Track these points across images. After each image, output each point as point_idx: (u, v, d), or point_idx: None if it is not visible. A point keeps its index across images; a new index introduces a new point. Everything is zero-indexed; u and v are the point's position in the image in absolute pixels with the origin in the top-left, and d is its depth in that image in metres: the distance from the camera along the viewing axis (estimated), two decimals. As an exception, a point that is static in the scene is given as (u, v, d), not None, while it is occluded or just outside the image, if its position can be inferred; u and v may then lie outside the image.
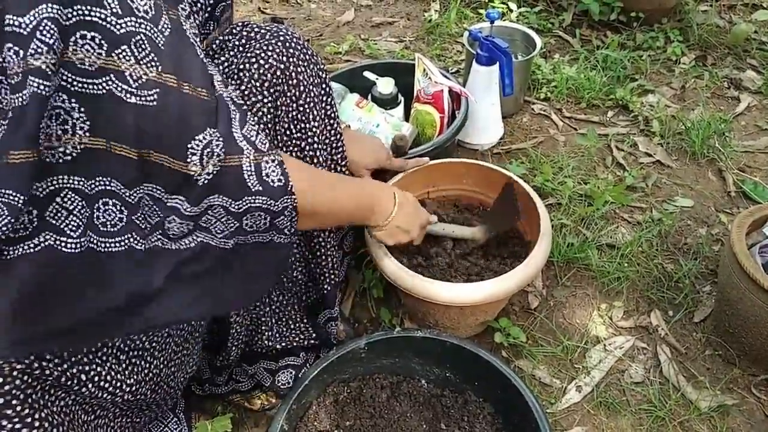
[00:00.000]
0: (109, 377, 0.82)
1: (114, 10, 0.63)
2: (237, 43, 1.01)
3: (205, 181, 0.74)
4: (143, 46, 0.65)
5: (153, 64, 0.66)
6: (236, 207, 0.78)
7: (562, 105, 1.98)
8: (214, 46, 1.01)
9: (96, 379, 0.80)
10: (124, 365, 0.84)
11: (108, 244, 0.71)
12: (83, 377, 0.78)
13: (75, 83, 0.63)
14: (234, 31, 1.03)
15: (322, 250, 1.13)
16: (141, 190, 0.72)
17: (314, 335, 1.22)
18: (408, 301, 1.30)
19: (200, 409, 1.21)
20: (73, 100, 0.64)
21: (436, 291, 1.12)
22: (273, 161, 0.81)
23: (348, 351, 1.10)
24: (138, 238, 0.73)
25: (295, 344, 1.19)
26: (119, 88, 0.65)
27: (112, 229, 0.71)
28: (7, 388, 0.69)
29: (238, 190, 0.77)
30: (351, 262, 1.43)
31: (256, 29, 1.02)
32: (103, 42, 0.63)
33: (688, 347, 1.33)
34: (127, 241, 0.73)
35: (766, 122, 1.90)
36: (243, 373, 1.22)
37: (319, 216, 0.93)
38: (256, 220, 0.81)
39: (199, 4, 0.93)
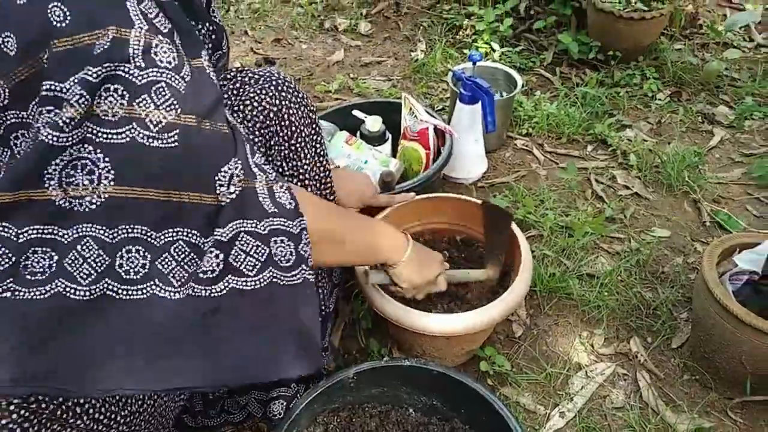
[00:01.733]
0: (103, 409, 0.84)
1: (137, 64, 0.67)
2: (231, 87, 1.07)
3: (229, 202, 0.76)
4: (162, 93, 0.69)
5: (172, 107, 0.70)
6: (262, 228, 0.79)
7: (544, 140, 2.06)
8: None
9: (91, 411, 0.82)
10: (117, 397, 0.86)
11: (129, 292, 0.72)
12: (78, 410, 0.81)
13: (100, 134, 0.67)
14: (228, 76, 1.10)
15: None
16: (171, 235, 0.73)
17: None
18: (396, 332, 1.35)
19: (193, 440, 1.24)
20: (98, 151, 0.67)
21: (422, 322, 1.17)
22: (282, 187, 0.85)
23: (337, 381, 1.14)
24: (161, 285, 0.73)
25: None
26: (141, 135, 0.68)
27: (134, 277, 0.72)
28: (4, 422, 0.72)
29: (258, 211, 0.79)
30: (340, 293, 1.47)
31: (250, 74, 1.09)
32: (125, 93, 0.67)
33: (667, 372, 1.37)
34: (149, 288, 0.73)
35: (738, 155, 1.98)
36: (235, 404, 1.25)
37: (335, 245, 0.96)
38: (283, 250, 0.82)
39: None
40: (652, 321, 1.47)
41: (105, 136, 0.67)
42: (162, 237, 0.73)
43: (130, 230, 0.71)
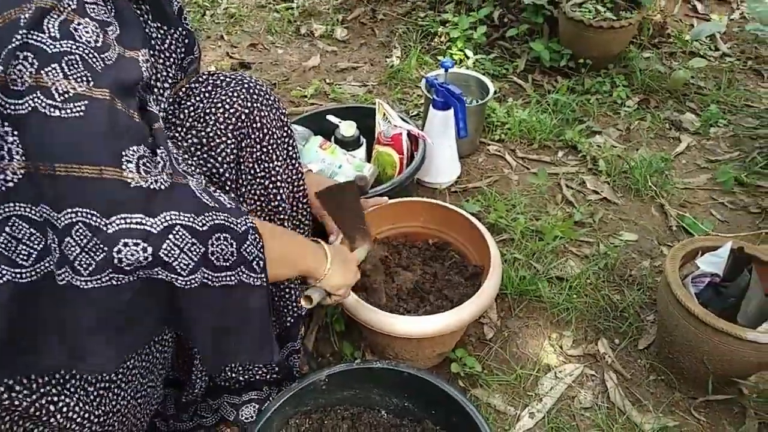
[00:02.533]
0: (77, 408, 0.85)
1: (52, 34, 0.66)
2: (203, 90, 1.08)
3: (161, 189, 0.72)
4: (75, 64, 0.67)
5: (83, 79, 0.67)
6: (200, 224, 0.75)
7: (516, 146, 2.09)
8: (181, 92, 1.09)
9: (64, 410, 0.83)
10: (92, 397, 0.87)
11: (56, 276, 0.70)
12: (52, 408, 0.81)
13: (7, 106, 0.65)
14: (201, 79, 1.10)
15: (285, 283, 1.19)
16: (71, 216, 0.67)
17: (276, 369, 1.26)
18: (368, 335, 1.36)
19: (166, 444, 1.24)
20: (6, 124, 0.66)
21: (393, 324, 1.19)
22: (218, 191, 0.83)
23: (309, 383, 1.15)
24: (72, 274, 0.69)
25: (258, 377, 1.23)
26: (43, 104, 0.65)
27: (53, 260, 0.69)
28: None
29: (196, 205, 0.75)
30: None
31: (221, 77, 1.10)
32: (35, 61, 0.65)
33: (633, 373, 1.41)
34: (64, 275, 0.69)
35: (704, 161, 2.04)
36: (207, 408, 1.25)
37: (275, 261, 0.89)
38: (223, 248, 0.77)
39: (171, 59, 1.00)
40: (620, 323, 1.50)
41: (12, 107, 0.65)
42: (63, 218, 0.67)
43: (42, 209, 0.68)
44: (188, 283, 0.75)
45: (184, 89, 1.09)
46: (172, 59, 1.02)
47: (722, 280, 1.34)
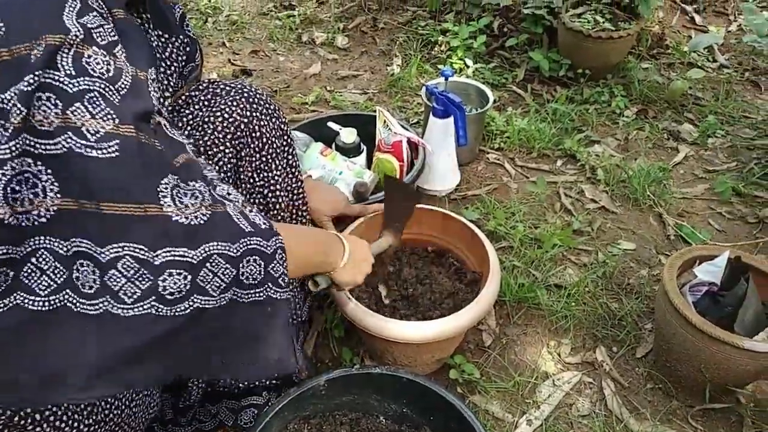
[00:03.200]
0: (65, 417, 0.82)
1: (68, 72, 0.67)
2: (202, 98, 1.09)
3: (202, 223, 0.74)
4: (97, 102, 0.68)
5: (109, 117, 0.69)
6: (235, 251, 0.78)
7: (515, 154, 2.10)
8: (180, 101, 1.10)
9: (51, 419, 0.80)
10: (82, 405, 0.84)
11: (85, 306, 0.70)
12: (38, 417, 0.79)
13: (38, 146, 0.66)
14: (200, 87, 1.11)
15: None
16: (117, 251, 0.70)
17: (276, 375, 1.26)
18: (367, 340, 1.36)
19: (164, 448, 1.24)
20: (39, 163, 0.66)
21: (391, 329, 1.19)
22: (253, 211, 0.84)
23: (308, 388, 1.15)
24: (113, 302, 0.71)
25: (257, 382, 1.23)
26: (78, 144, 0.67)
27: (88, 291, 0.70)
28: None
29: (234, 233, 0.78)
30: (313, 302, 1.49)
31: (221, 86, 1.10)
32: (57, 101, 0.66)
33: (631, 381, 1.41)
34: (102, 304, 0.71)
35: (701, 171, 2.05)
36: (206, 413, 1.25)
37: (294, 265, 0.93)
38: (252, 269, 0.80)
39: (173, 68, 1.01)
40: (618, 331, 1.51)
41: (43, 147, 0.66)
42: (107, 252, 0.70)
43: (79, 243, 0.69)
44: (219, 301, 0.78)
45: (183, 97, 1.10)
46: (173, 68, 1.03)
47: (720, 289, 1.35)
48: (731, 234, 1.80)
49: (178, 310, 0.74)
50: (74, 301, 0.70)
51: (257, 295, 0.83)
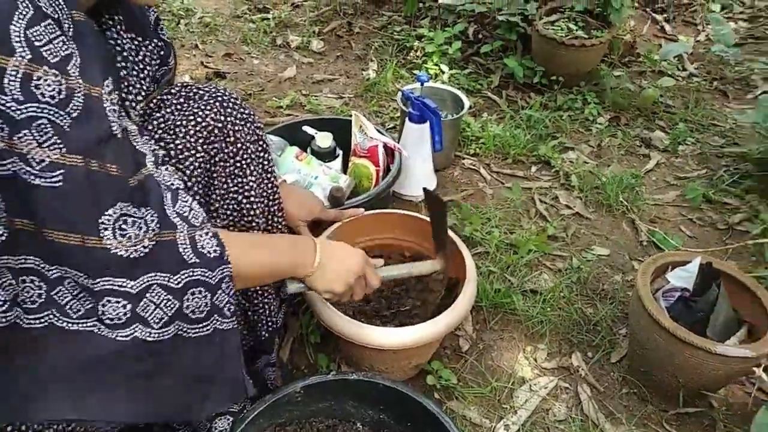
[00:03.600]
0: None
1: (15, 97, 0.65)
2: (175, 102, 1.06)
3: (142, 255, 0.75)
4: (45, 130, 0.67)
5: (56, 146, 0.68)
6: (176, 282, 0.79)
7: (490, 160, 2.11)
8: (152, 104, 1.07)
9: None
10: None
11: (29, 321, 0.74)
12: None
13: None
14: (173, 90, 1.09)
15: (260, 298, 1.17)
16: (61, 272, 0.73)
17: (251, 381, 1.24)
18: (344, 346, 1.35)
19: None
20: None
21: (369, 335, 1.18)
22: (207, 234, 0.84)
23: (284, 395, 1.13)
24: (59, 315, 0.74)
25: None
26: (23, 170, 0.67)
27: (32, 306, 0.74)
28: None
29: (176, 264, 0.79)
30: (289, 308, 1.47)
31: (195, 90, 1.08)
32: (3, 126, 0.65)
33: (606, 386, 1.42)
34: (47, 317, 0.74)
35: (673, 178, 2.08)
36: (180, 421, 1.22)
37: (250, 279, 0.96)
38: (198, 301, 0.81)
39: (145, 71, 0.99)
40: (593, 336, 1.52)
41: None
42: (54, 271, 0.73)
43: (25, 260, 0.72)
44: (161, 335, 0.79)
45: (155, 100, 1.07)
46: (145, 71, 1.00)
47: (692, 295, 1.37)
48: (702, 240, 1.83)
49: (119, 335, 0.76)
50: (21, 317, 0.73)
51: (205, 329, 0.84)
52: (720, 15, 2.73)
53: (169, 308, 0.79)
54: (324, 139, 1.71)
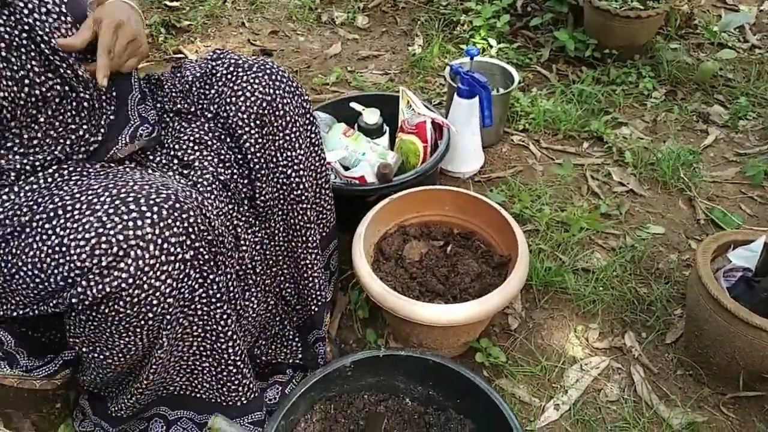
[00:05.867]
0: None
1: None
2: (224, 72, 1.06)
3: None
4: None
5: None
6: None
7: (540, 136, 2.06)
8: (207, 69, 1.07)
9: None
10: None
11: None
12: None
13: None
14: (217, 57, 1.08)
15: (309, 272, 1.18)
16: None
17: (301, 355, 1.26)
18: (393, 322, 1.35)
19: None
20: None
21: (418, 312, 1.17)
22: None
23: (334, 369, 1.14)
24: None
25: (280, 360, 1.23)
26: None
27: None
28: None
29: None
30: (338, 283, 1.48)
31: (243, 59, 1.07)
32: None
33: (661, 367, 1.38)
34: None
35: (732, 154, 2.00)
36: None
37: None
38: None
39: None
40: (647, 316, 1.48)
41: None
42: None
43: None
44: None
45: (201, 66, 1.08)
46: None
47: (754, 275, 1.31)
48: (763, 219, 1.75)
49: None
50: None
51: None
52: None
53: None
54: (371, 115, 1.70)
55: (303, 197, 1.13)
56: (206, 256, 0.91)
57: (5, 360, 1.00)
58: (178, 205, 0.86)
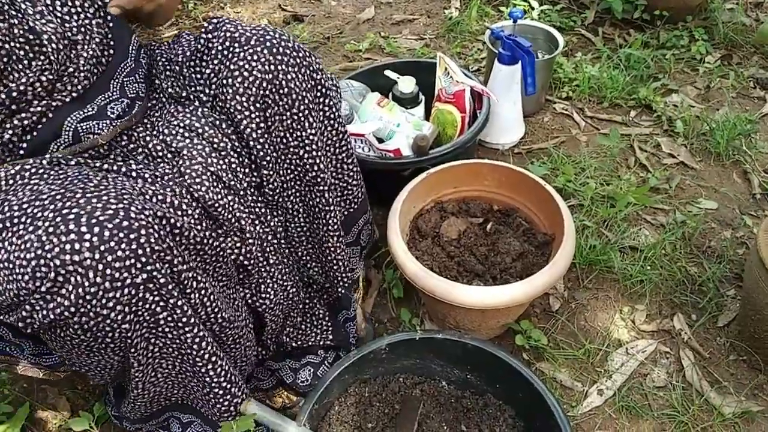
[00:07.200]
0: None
1: None
2: (220, 48, 0.96)
3: None
4: None
5: None
6: None
7: (584, 104, 1.96)
8: (199, 45, 0.98)
9: None
10: None
11: None
12: None
13: None
14: (214, 28, 0.97)
15: (333, 255, 1.13)
16: None
17: (332, 336, 1.22)
18: (428, 302, 1.30)
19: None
20: None
21: (458, 293, 1.12)
22: None
23: (369, 351, 1.10)
24: None
25: (311, 342, 1.20)
26: None
27: None
28: None
29: None
30: (372, 261, 1.43)
31: (240, 31, 0.96)
32: None
33: (712, 352, 1.31)
34: None
35: (793, 123, 1.87)
36: (265, 370, 1.22)
37: None
38: None
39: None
40: (698, 297, 1.40)
41: None
42: None
43: None
44: None
45: (200, 41, 0.99)
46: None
47: (820, 256, 1.22)
48: (826, 194, 1.64)
49: None
50: None
51: None
52: None
53: None
54: (407, 84, 1.63)
55: (319, 179, 1.05)
56: (163, 279, 0.80)
57: (17, 345, 0.99)
58: (126, 224, 0.76)
